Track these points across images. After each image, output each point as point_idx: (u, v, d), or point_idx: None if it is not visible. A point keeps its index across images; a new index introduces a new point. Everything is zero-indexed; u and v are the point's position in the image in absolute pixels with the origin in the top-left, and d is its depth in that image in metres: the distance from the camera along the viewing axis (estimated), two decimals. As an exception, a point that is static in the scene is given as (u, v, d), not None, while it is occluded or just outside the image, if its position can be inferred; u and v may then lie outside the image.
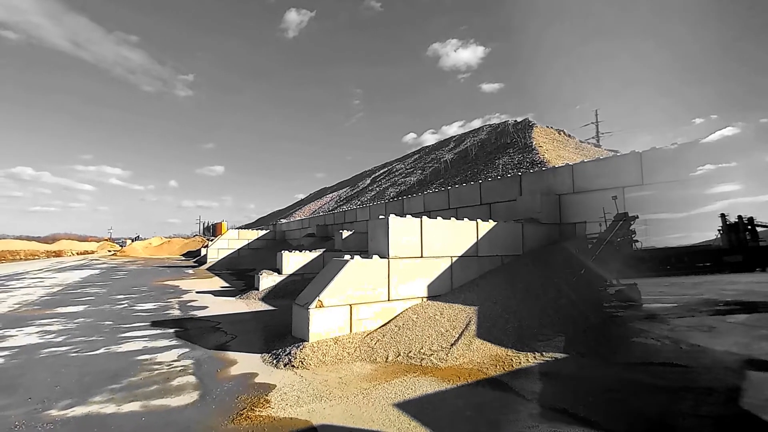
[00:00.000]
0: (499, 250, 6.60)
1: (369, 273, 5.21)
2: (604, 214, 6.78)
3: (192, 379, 3.87)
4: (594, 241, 6.67)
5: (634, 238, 6.24)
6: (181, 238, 47.50)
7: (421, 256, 5.71)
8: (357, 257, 5.24)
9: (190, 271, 17.73)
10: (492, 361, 4.27)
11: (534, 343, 4.59)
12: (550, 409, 3.11)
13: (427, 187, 30.17)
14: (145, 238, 55.13)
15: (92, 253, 42.36)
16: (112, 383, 3.72)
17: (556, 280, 5.77)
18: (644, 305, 5.39)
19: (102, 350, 4.86)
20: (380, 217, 5.77)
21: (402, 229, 5.58)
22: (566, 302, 5.27)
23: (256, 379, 3.85)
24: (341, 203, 49.00)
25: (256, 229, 24.07)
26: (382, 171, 57.69)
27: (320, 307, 4.75)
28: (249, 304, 8.54)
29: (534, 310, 5.20)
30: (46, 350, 4.85)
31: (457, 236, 6.13)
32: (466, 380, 3.79)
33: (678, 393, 3.38)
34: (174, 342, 5.25)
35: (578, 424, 2.86)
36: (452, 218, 6.23)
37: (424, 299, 5.63)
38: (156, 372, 4.05)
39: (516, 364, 4.17)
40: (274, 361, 4.35)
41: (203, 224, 66.74)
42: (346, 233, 11.78)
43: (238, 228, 31.98)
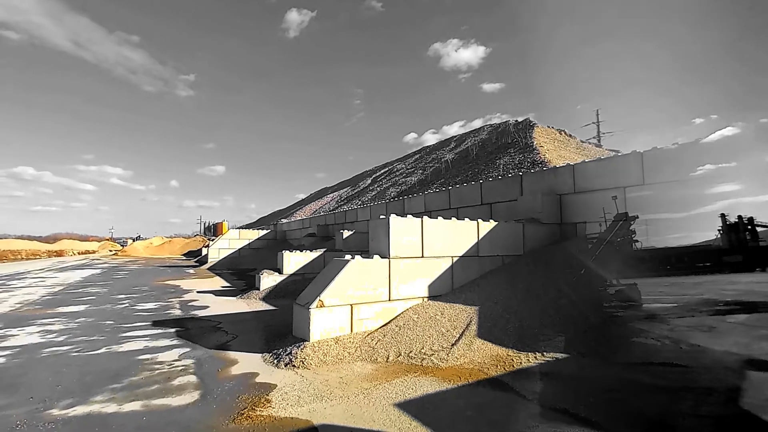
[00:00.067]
0: (499, 250, 6.60)
1: (370, 273, 5.22)
2: (604, 214, 6.78)
3: (193, 378, 3.87)
4: (594, 241, 6.67)
5: (634, 238, 6.24)
6: (182, 238, 47.60)
7: (422, 256, 5.71)
8: (358, 257, 5.24)
9: (191, 270, 17.75)
10: (493, 361, 4.27)
11: (535, 343, 4.59)
12: (551, 409, 3.11)
13: (428, 187, 30.17)
14: (146, 238, 55.18)
15: (93, 252, 42.44)
16: (114, 383, 3.73)
17: (557, 280, 5.77)
18: (644, 305, 5.39)
19: (103, 350, 4.88)
20: (381, 217, 5.78)
21: (403, 229, 5.58)
22: (567, 302, 5.27)
23: (257, 379, 3.86)
24: (342, 203, 49.02)
25: (257, 229, 24.09)
26: (382, 171, 57.70)
27: (321, 306, 4.76)
28: (250, 303, 8.55)
29: (535, 310, 5.20)
30: (47, 350, 4.86)
31: (458, 236, 6.13)
32: (467, 380, 3.79)
33: (678, 393, 3.38)
34: (175, 341, 5.26)
35: (579, 425, 2.86)
36: (453, 218, 6.23)
37: (425, 299, 5.64)
38: (157, 371, 4.06)
39: (517, 364, 4.17)
40: (275, 361, 4.35)
41: (204, 224, 66.70)
42: (346, 233, 11.79)
43: (239, 228, 32.03)
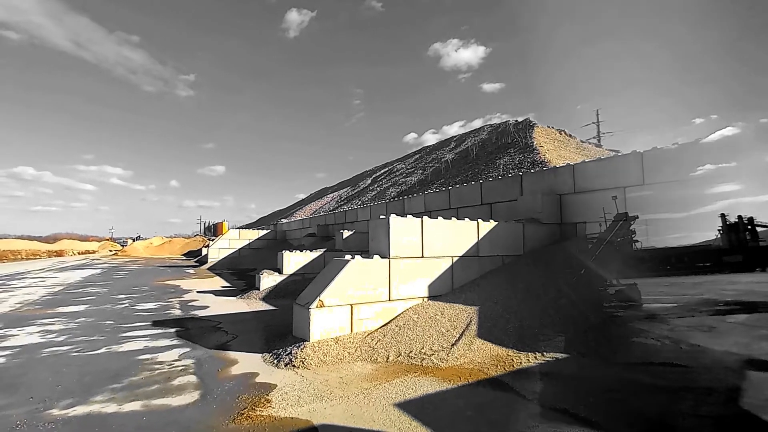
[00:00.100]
0: (500, 250, 6.60)
1: (370, 273, 5.22)
2: (604, 214, 6.78)
3: (193, 378, 3.87)
4: (595, 241, 6.67)
5: (634, 238, 6.24)
6: (182, 238, 47.61)
7: (422, 256, 5.71)
8: (358, 257, 5.24)
9: (191, 270, 17.75)
10: (493, 361, 4.27)
11: (535, 343, 4.59)
12: (551, 409, 3.11)
13: (428, 187, 30.17)
14: (146, 238, 55.18)
15: (93, 252, 42.45)
16: (114, 383, 3.73)
17: (557, 280, 5.77)
18: (644, 305, 5.39)
19: (103, 350, 4.88)
20: (381, 217, 5.78)
21: (403, 229, 5.58)
22: (567, 302, 5.27)
23: (257, 379, 3.86)
24: (342, 203, 49.02)
25: (257, 229, 24.09)
26: (382, 171, 57.70)
27: (321, 306, 4.76)
28: (250, 303, 8.55)
29: (535, 310, 5.20)
30: (47, 350, 4.86)
31: (458, 236, 6.13)
32: (467, 380, 3.79)
33: (678, 393, 3.38)
34: (175, 341, 5.26)
35: (579, 425, 2.86)
36: (453, 218, 6.23)
37: (425, 299, 5.64)
38: (157, 371, 4.06)
39: (517, 364, 4.17)
40: (275, 361, 4.35)
41: (204, 224, 66.72)
42: (346, 233, 11.79)
43: (239, 228, 32.04)
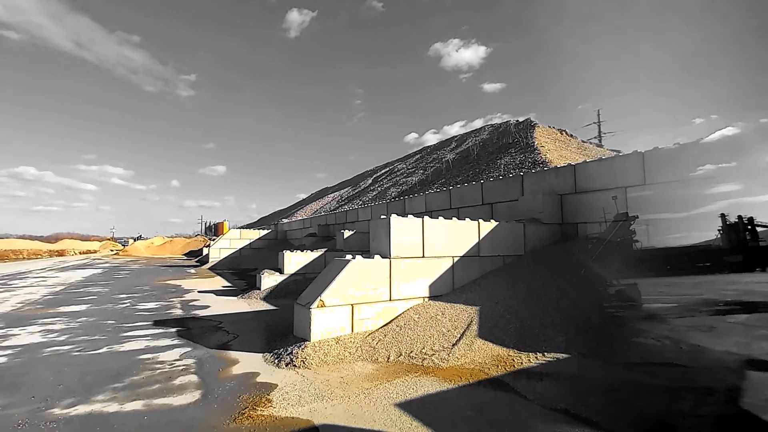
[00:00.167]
0: (500, 250, 6.60)
1: (370, 273, 5.22)
2: (604, 214, 6.77)
3: (194, 378, 3.88)
4: (595, 241, 6.67)
5: (634, 238, 6.24)
6: (183, 238, 47.71)
7: (423, 256, 5.72)
8: (359, 257, 5.25)
9: (192, 270, 17.77)
10: (494, 361, 4.28)
11: (536, 344, 4.59)
12: (552, 410, 3.11)
13: (429, 187, 30.16)
14: (147, 238, 55.19)
15: (95, 252, 42.54)
16: (115, 382, 3.74)
17: (558, 280, 5.77)
18: (644, 305, 5.38)
19: (104, 349, 4.89)
20: (382, 217, 5.78)
21: (403, 229, 5.58)
22: (567, 302, 5.26)
23: (258, 379, 3.87)
24: (343, 203, 49.02)
25: (258, 229, 24.11)
26: (383, 171, 57.68)
27: (322, 306, 4.77)
28: (251, 303, 8.56)
29: (535, 310, 5.20)
30: (48, 349, 4.88)
31: (458, 236, 6.13)
32: (468, 380, 3.79)
33: (678, 393, 3.38)
34: (176, 341, 5.27)
35: (580, 425, 2.86)
36: (454, 218, 6.24)
37: (426, 299, 5.64)
38: (158, 371, 4.07)
39: (518, 364, 4.17)
40: (276, 361, 4.36)
41: (205, 224, 66.79)
42: (347, 233, 11.79)
43: (240, 228, 32.12)
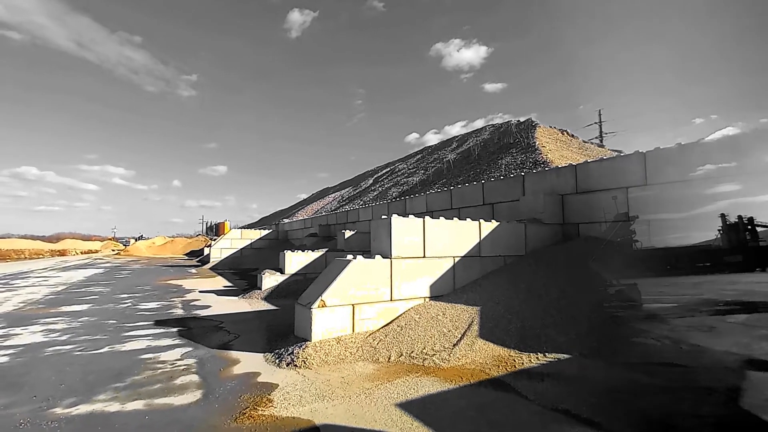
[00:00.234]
0: (501, 251, 6.60)
1: (371, 273, 5.23)
2: (605, 214, 6.77)
3: (195, 378, 3.89)
4: (596, 241, 6.67)
5: (634, 238, 6.24)
6: (185, 238, 47.80)
7: (424, 256, 5.72)
8: (359, 257, 5.25)
9: (193, 270, 17.79)
10: (494, 361, 4.28)
11: (537, 344, 4.59)
12: (553, 410, 3.11)
13: (430, 187, 30.15)
14: (148, 238, 55.25)
15: (96, 252, 42.60)
16: (116, 382, 3.75)
17: (559, 280, 5.76)
18: (644, 305, 5.37)
19: (106, 349, 4.90)
20: (383, 217, 5.79)
21: (404, 229, 5.59)
22: (568, 302, 5.26)
23: (259, 379, 3.87)
24: (344, 203, 49.04)
25: (259, 229, 24.14)
26: (384, 171, 57.69)
27: (323, 306, 4.77)
28: (252, 303, 8.57)
29: (536, 310, 5.19)
30: (50, 349, 4.89)
31: (459, 236, 6.13)
32: (469, 380, 3.79)
33: (679, 393, 3.38)
34: (177, 341, 5.28)
35: (581, 425, 2.86)
36: (455, 218, 6.23)
37: (427, 299, 5.64)
38: (159, 371, 4.08)
39: (519, 364, 4.17)
40: (277, 361, 4.37)
41: (206, 224, 66.94)
42: (348, 233, 11.80)
43: (241, 228, 32.14)
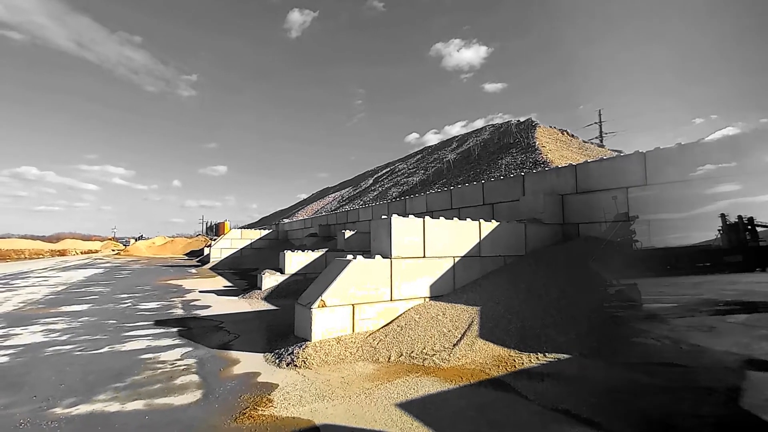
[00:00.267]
0: (501, 251, 6.60)
1: (371, 273, 5.22)
2: (605, 214, 6.77)
3: (195, 378, 3.89)
4: (596, 241, 6.67)
5: (634, 238, 6.24)
6: (184, 238, 47.80)
7: (424, 256, 5.72)
8: (359, 257, 5.25)
9: (193, 270, 17.79)
10: (494, 361, 4.28)
11: (537, 344, 4.59)
12: (553, 410, 3.11)
13: (430, 187, 30.15)
14: (148, 238, 55.24)
15: (96, 252, 42.60)
16: (116, 382, 3.75)
17: (559, 280, 5.76)
18: (644, 305, 5.37)
19: (106, 349, 4.90)
20: (383, 217, 5.79)
21: (404, 229, 5.59)
22: (568, 302, 5.26)
23: (259, 379, 3.87)
24: (344, 203, 49.04)
25: (259, 229, 24.14)
26: (384, 171, 57.69)
27: (323, 306, 4.77)
28: (252, 303, 8.57)
29: (536, 310, 5.19)
30: (50, 349, 4.89)
31: (459, 236, 6.13)
32: (469, 380, 3.79)
33: (679, 393, 3.38)
34: (177, 341, 5.28)
35: (581, 425, 2.86)
36: (455, 218, 6.23)
37: (427, 299, 5.64)
38: (159, 371, 4.08)
39: (519, 364, 4.17)
40: (277, 361, 4.37)
41: (206, 224, 66.97)
42: (348, 233, 11.80)
43: (241, 228, 32.15)
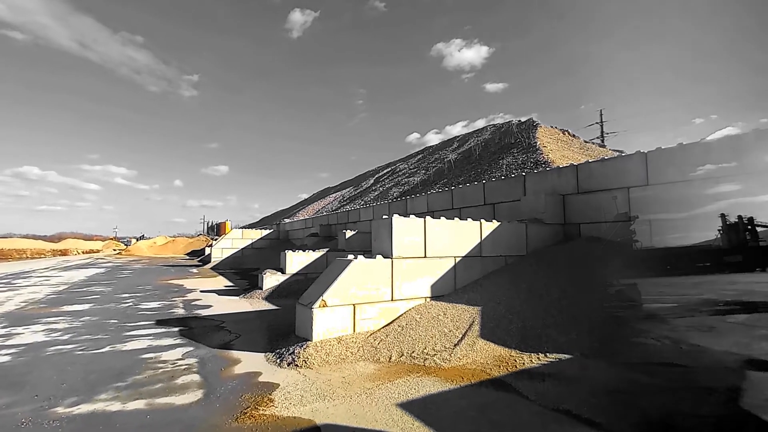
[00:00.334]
0: (502, 251, 6.59)
1: (372, 273, 5.23)
2: (605, 214, 6.76)
3: (196, 377, 3.90)
4: (597, 241, 6.66)
5: (634, 238, 6.23)
6: (186, 238, 47.84)
7: (425, 256, 5.72)
8: (360, 257, 5.25)
9: (195, 270, 17.81)
10: (495, 361, 4.27)
11: (538, 344, 4.58)
12: (554, 410, 3.11)
13: (431, 187, 30.14)
14: (149, 237, 55.29)
15: (97, 252, 42.66)
16: (118, 381, 3.76)
17: (560, 280, 5.76)
18: (644, 305, 5.37)
19: (107, 348, 4.91)
20: (384, 217, 5.79)
21: (405, 229, 5.59)
22: (569, 303, 5.26)
23: (260, 378, 3.88)
24: (345, 203, 49.05)
25: (260, 229, 24.17)
26: (385, 171, 57.69)
27: (324, 306, 4.78)
28: (253, 303, 8.57)
29: (537, 310, 5.19)
30: (52, 348, 4.90)
31: (460, 236, 6.13)
32: (470, 381, 3.79)
33: (679, 393, 3.37)
34: (178, 340, 5.29)
35: (582, 425, 2.86)
36: (456, 218, 6.23)
37: (428, 299, 5.64)
38: (161, 370, 4.09)
39: (520, 364, 4.17)
40: (278, 361, 4.37)
41: (207, 224, 67.14)
42: (349, 233, 11.80)
43: (242, 227, 32.21)
